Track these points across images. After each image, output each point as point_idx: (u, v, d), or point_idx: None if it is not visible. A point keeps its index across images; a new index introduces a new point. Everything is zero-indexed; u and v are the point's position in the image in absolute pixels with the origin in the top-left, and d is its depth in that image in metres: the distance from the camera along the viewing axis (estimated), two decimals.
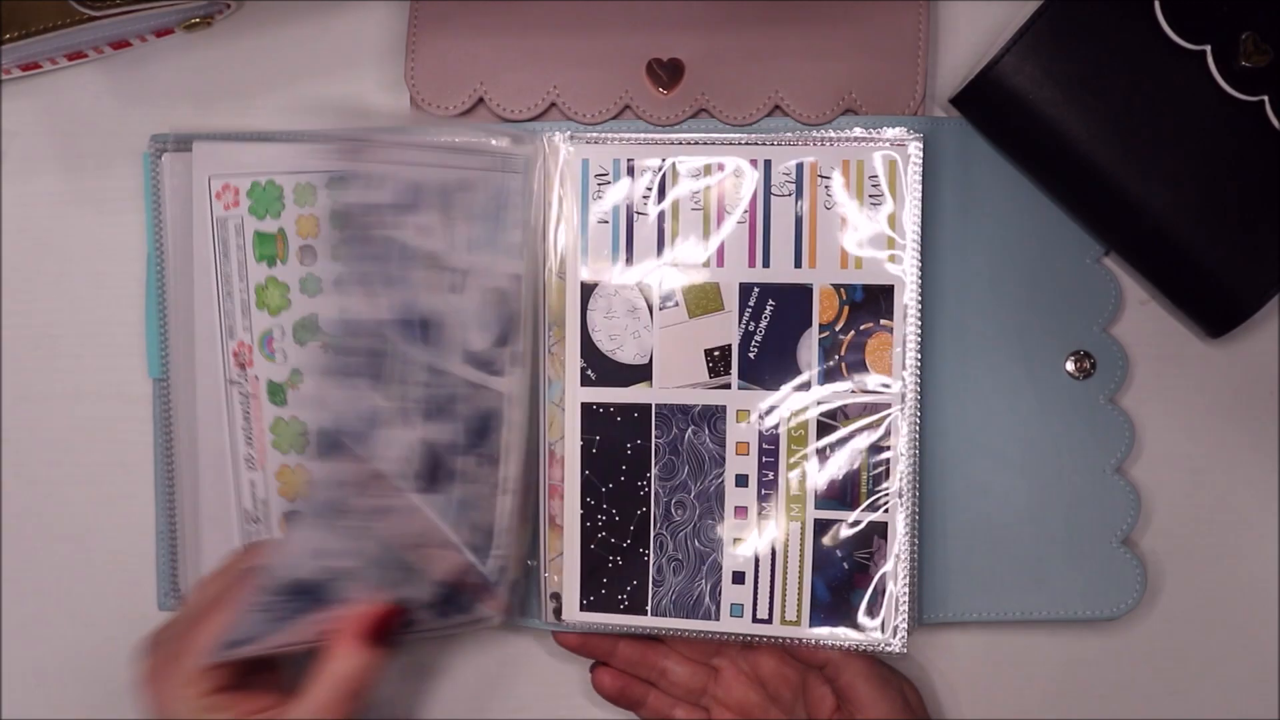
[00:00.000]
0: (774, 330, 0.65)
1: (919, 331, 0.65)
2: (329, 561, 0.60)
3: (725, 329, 0.66)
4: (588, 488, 0.66)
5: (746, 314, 0.65)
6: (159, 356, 0.69)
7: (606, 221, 0.66)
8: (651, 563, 0.66)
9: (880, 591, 0.65)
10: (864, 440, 0.65)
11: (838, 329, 0.65)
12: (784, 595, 0.65)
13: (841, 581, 0.65)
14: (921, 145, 0.65)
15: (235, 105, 0.70)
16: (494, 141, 0.66)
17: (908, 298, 0.65)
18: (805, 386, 0.65)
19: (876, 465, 0.65)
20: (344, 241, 0.62)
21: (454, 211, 0.63)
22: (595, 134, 0.67)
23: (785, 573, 0.65)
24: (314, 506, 0.61)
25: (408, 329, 0.62)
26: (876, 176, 0.65)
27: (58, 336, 0.71)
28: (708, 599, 0.66)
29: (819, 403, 0.65)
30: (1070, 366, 0.67)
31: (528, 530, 0.68)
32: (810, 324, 0.65)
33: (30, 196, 0.71)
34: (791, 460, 0.65)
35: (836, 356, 0.65)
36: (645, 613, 0.66)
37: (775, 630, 0.65)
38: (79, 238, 0.71)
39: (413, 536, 0.62)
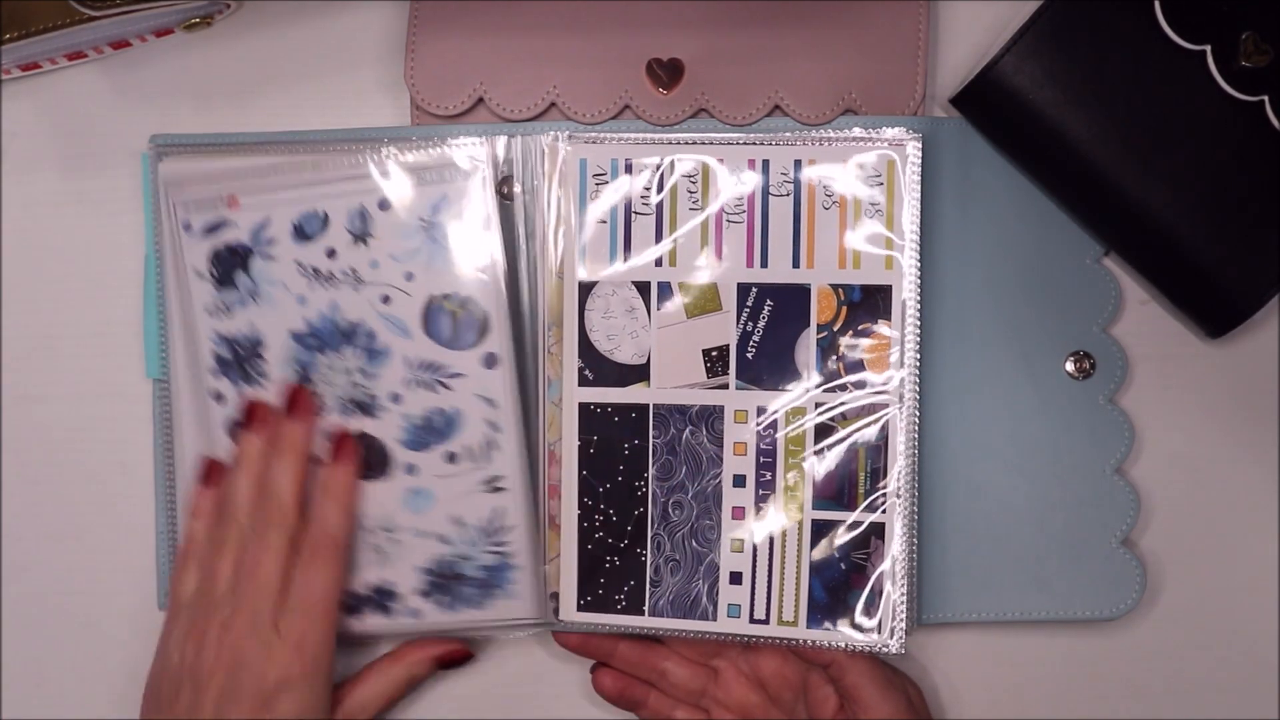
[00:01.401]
0: (772, 330, 0.65)
1: (917, 332, 0.65)
2: None
3: (723, 329, 0.66)
4: (585, 488, 0.66)
5: (744, 314, 0.65)
6: (158, 356, 0.69)
7: (604, 221, 0.66)
8: (649, 563, 0.66)
9: (877, 592, 0.64)
10: (862, 441, 0.65)
11: (836, 329, 0.65)
12: (781, 596, 0.65)
13: (839, 582, 0.65)
14: (920, 145, 0.64)
15: (235, 105, 0.70)
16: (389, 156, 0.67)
17: (906, 298, 0.65)
18: (804, 387, 0.65)
19: (874, 466, 0.65)
20: (241, 270, 0.67)
21: (374, 229, 0.66)
22: (594, 134, 0.67)
23: (783, 573, 0.65)
24: None
25: (327, 338, 0.66)
26: (875, 177, 0.65)
27: (58, 336, 0.71)
28: (705, 599, 0.66)
29: (817, 403, 0.65)
30: (1070, 366, 0.67)
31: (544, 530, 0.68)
32: (808, 324, 0.65)
33: (30, 196, 0.71)
34: (789, 461, 0.65)
35: (834, 357, 0.65)
36: (643, 613, 0.66)
37: (772, 631, 0.65)
38: (78, 238, 0.71)
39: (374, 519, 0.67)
